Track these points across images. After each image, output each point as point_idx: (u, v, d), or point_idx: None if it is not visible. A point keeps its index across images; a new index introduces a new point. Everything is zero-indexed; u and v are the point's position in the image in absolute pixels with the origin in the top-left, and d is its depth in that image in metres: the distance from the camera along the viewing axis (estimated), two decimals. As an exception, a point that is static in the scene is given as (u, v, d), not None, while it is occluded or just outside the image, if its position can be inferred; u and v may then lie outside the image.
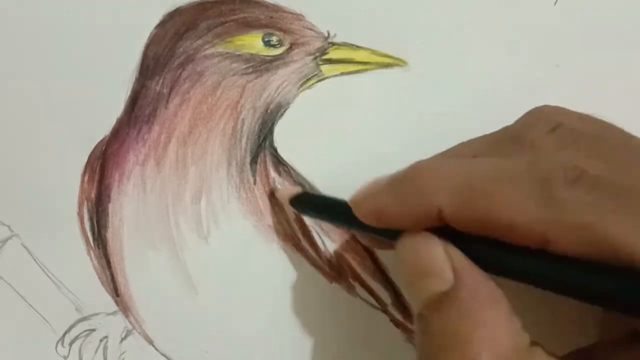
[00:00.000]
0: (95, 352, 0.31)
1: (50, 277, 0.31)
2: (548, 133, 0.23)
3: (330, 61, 0.31)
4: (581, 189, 0.20)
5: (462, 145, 0.27)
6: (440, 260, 0.22)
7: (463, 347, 0.20)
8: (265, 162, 0.31)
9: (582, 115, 0.24)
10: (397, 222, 0.23)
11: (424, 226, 0.22)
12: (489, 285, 0.21)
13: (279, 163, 0.31)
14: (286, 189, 0.30)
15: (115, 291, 0.31)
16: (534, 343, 0.20)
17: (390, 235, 0.24)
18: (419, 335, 0.22)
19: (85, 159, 0.31)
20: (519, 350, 0.20)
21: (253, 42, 0.31)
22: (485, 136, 0.26)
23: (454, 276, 0.21)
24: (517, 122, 0.25)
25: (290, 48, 0.31)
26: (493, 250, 0.21)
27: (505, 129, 0.25)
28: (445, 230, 0.22)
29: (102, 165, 0.31)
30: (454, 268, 0.21)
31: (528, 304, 0.23)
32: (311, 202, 0.29)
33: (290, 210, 0.30)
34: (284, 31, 0.31)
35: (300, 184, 0.31)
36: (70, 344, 0.31)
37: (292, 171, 0.31)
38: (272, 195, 0.31)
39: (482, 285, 0.21)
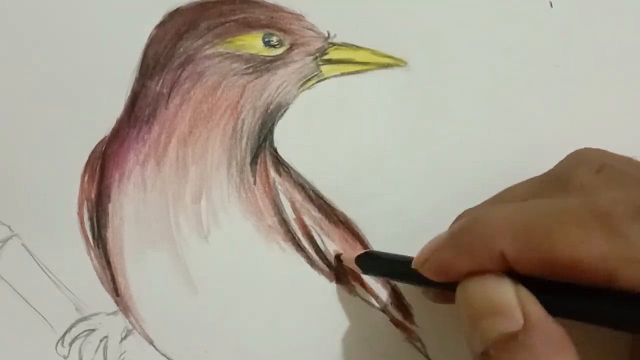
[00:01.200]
0: (95, 352, 0.31)
1: (50, 277, 0.31)
2: (595, 174, 0.23)
3: (330, 61, 0.31)
4: None
5: (508, 190, 0.27)
6: (510, 300, 0.22)
7: None
8: (265, 162, 0.31)
9: (622, 157, 0.25)
10: (462, 273, 0.23)
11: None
12: (559, 330, 0.21)
13: (279, 163, 0.31)
14: (351, 252, 0.30)
15: (115, 291, 0.31)
16: None
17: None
18: None
19: (85, 159, 0.31)
20: None
21: (253, 42, 0.31)
22: (528, 180, 0.27)
23: (524, 318, 0.21)
24: (559, 165, 0.26)
25: (291, 48, 0.31)
26: (558, 292, 0.21)
27: (548, 173, 0.26)
28: (510, 275, 0.22)
29: (102, 165, 0.31)
30: (524, 310, 0.21)
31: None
32: (377, 263, 0.29)
33: (357, 270, 0.30)
34: (284, 31, 0.31)
35: (300, 184, 0.31)
36: (70, 344, 0.31)
37: (292, 171, 0.31)
38: (338, 260, 0.31)
39: (553, 329, 0.21)
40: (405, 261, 0.27)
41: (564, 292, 0.21)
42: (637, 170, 0.23)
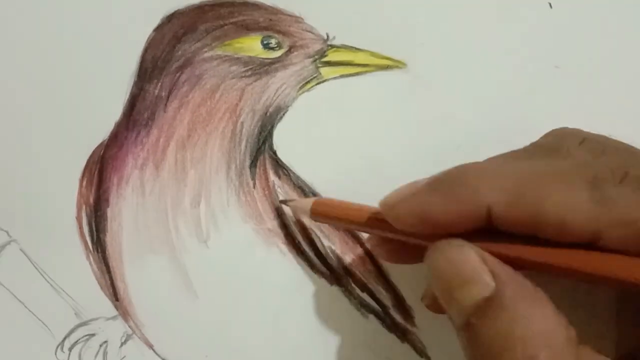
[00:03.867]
0: (95, 356, 0.31)
1: (49, 282, 0.31)
2: (579, 145, 0.24)
3: (329, 64, 0.31)
4: (628, 187, 0.21)
5: (494, 157, 0.27)
6: (477, 266, 0.22)
7: (520, 346, 0.20)
8: (264, 165, 0.31)
9: (599, 134, 0.25)
10: (442, 223, 0.23)
11: (468, 228, 0.22)
12: (529, 284, 0.21)
13: (279, 166, 0.31)
14: (302, 200, 0.29)
15: (114, 295, 0.31)
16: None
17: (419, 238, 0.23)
18: (469, 345, 0.22)
19: (83, 163, 0.31)
20: (573, 343, 0.20)
21: (252, 45, 0.31)
22: (516, 150, 0.26)
23: (495, 280, 0.21)
24: (543, 138, 0.26)
25: (290, 51, 0.31)
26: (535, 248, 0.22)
27: (534, 144, 0.26)
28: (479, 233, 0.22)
29: (101, 170, 0.31)
30: (492, 272, 0.21)
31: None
32: (332, 210, 0.28)
33: (309, 221, 0.29)
34: (283, 34, 0.31)
35: (300, 187, 0.31)
36: (70, 349, 0.31)
37: (291, 174, 0.31)
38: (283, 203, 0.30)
39: (524, 285, 0.21)
40: (365, 208, 0.26)
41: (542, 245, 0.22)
42: (616, 142, 0.24)
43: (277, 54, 0.31)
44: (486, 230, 0.22)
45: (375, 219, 0.25)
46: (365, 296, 0.31)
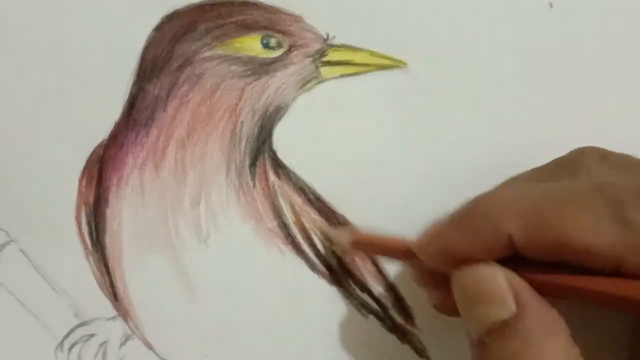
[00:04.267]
0: (95, 357, 0.31)
1: (48, 282, 0.31)
2: (599, 161, 0.24)
3: (329, 63, 0.31)
4: None
5: (515, 178, 0.27)
6: (502, 288, 0.22)
7: None
8: (264, 165, 0.31)
9: (621, 153, 0.25)
10: (468, 257, 0.23)
11: (494, 257, 0.23)
12: (551, 313, 0.22)
13: (279, 166, 0.31)
14: (343, 230, 0.30)
15: (114, 296, 0.31)
16: None
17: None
18: None
19: (83, 163, 0.31)
20: None
21: (252, 44, 0.31)
22: (533, 169, 0.27)
23: (517, 304, 0.21)
24: (563, 156, 0.26)
25: (289, 50, 0.31)
26: (557, 272, 0.22)
27: (554, 161, 0.26)
28: (510, 260, 0.22)
29: (100, 169, 0.31)
30: (516, 296, 0.22)
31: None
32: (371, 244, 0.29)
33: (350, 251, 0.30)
34: (283, 33, 0.31)
35: (300, 187, 0.31)
36: (69, 349, 0.31)
37: (291, 174, 0.31)
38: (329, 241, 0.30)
39: (545, 313, 0.22)
40: (400, 243, 0.26)
41: (564, 272, 0.22)
42: (637, 160, 0.24)
43: (277, 53, 0.31)
44: (513, 257, 0.22)
45: (411, 252, 0.26)
46: (365, 296, 0.31)
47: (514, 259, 0.23)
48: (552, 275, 0.22)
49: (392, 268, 0.31)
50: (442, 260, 0.24)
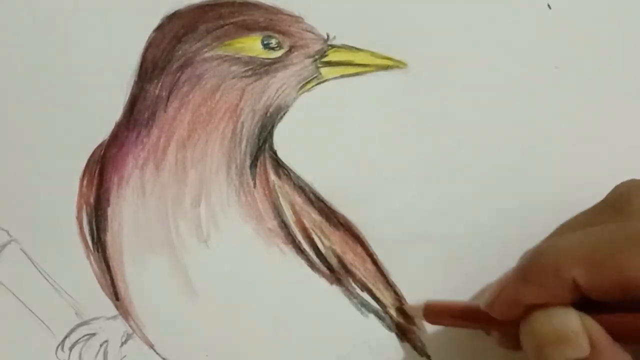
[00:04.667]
0: (96, 356, 0.31)
1: (49, 282, 0.31)
2: None
3: (329, 64, 0.31)
4: None
5: (566, 224, 0.28)
6: (576, 329, 0.22)
7: None
8: (265, 165, 0.31)
9: None
10: (539, 306, 0.24)
11: (565, 303, 0.23)
12: (624, 356, 0.22)
13: (279, 166, 0.31)
14: (414, 304, 0.30)
15: (115, 295, 0.31)
16: None
17: None
18: None
19: (84, 163, 0.31)
20: None
21: (252, 45, 0.31)
22: (584, 212, 0.27)
23: (591, 345, 0.22)
24: (611, 194, 0.26)
25: (290, 51, 0.31)
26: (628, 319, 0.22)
27: (603, 202, 0.26)
28: (579, 305, 0.23)
29: (101, 169, 0.31)
30: (590, 338, 0.22)
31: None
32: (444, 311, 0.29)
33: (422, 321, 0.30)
34: (283, 34, 0.31)
35: (300, 187, 0.31)
36: (70, 349, 0.31)
37: (292, 174, 0.31)
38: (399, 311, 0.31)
39: (618, 355, 0.22)
40: (471, 306, 0.27)
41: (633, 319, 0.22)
42: None
43: (277, 54, 0.31)
44: (582, 303, 0.23)
45: (482, 314, 0.26)
46: (365, 296, 0.31)
47: (584, 305, 0.23)
48: (620, 315, 0.23)
49: (393, 267, 0.31)
50: (511, 313, 0.24)
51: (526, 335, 0.24)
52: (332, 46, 0.31)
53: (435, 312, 0.29)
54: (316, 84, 0.31)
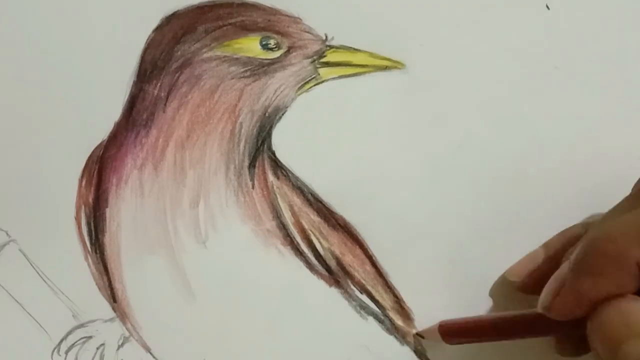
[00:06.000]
0: (92, 359, 0.31)
1: (47, 283, 0.31)
2: None
3: (328, 64, 0.31)
4: None
5: (610, 212, 0.26)
6: None
7: None
8: (263, 165, 0.31)
9: None
10: (603, 299, 0.22)
11: (630, 290, 0.22)
12: None
13: (277, 167, 0.31)
14: (428, 328, 0.30)
15: (112, 297, 0.31)
16: None
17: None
18: None
19: (82, 164, 0.31)
20: None
21: (251, 46, 0.31)
22: (625, 198, 0.26)
23: None
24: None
25: (288, 51, 0.31)
26: None
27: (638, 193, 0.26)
28: None
29: (100, 170, 0.31)
30: None
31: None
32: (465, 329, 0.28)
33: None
34: (282, 34, 0.31)
35: (299, 188, 0.31)
36: (67, 352, 0.31)
37: (290, 175, 0.31)
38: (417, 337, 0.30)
39: None
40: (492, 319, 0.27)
41: None
42: None
43: (275, 54, 0.31)
44: None
45: (505, 322, 0.26)
46: (364, 298, 0.30)
47: None
48: None
49: (392, 269, 0.30)
50: (579, 311, 0.23)
51: (596, 333, 0.22)
52: (331, 47, 0.31)
53: (453, 332, 0.28)
54: (315, 85, 0.31)
